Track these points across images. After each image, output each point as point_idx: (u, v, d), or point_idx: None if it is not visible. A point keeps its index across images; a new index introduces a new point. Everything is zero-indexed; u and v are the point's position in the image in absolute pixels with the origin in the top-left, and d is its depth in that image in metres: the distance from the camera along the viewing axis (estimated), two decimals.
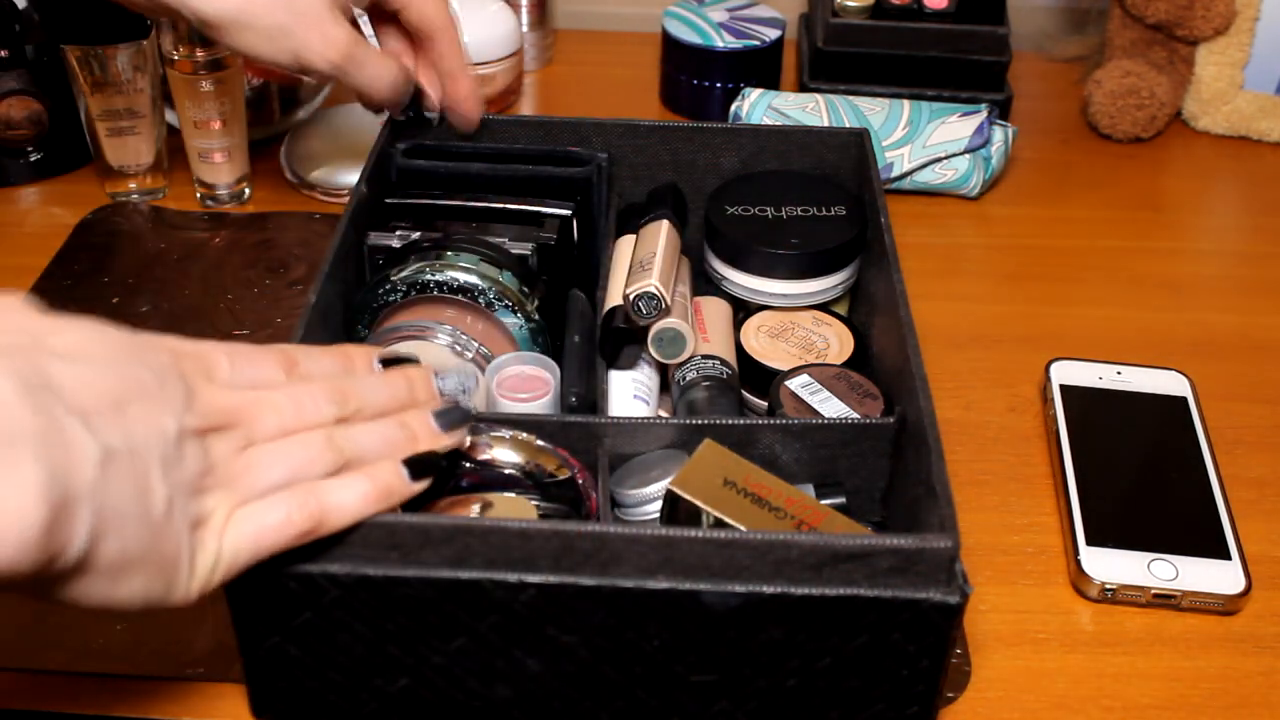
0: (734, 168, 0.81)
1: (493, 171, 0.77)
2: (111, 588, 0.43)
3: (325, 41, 0.69)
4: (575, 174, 0.77)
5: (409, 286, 0.68)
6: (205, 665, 0.62)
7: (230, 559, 0.47)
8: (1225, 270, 0.95)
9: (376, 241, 0.72)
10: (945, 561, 0.51)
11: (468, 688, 0.57)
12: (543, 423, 0.62)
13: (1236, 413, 0.80)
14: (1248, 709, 0.63)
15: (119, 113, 0.92)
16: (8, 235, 0.94)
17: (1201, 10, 1.06)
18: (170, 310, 0.87)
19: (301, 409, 0.50)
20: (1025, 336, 0.87)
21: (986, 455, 0.77)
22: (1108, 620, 0.67)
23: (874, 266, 0.73)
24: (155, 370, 0.45)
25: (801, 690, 0.56)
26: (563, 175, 0.77)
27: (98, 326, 0.44)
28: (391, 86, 0.73)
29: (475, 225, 0.73)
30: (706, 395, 0.69)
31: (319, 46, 0.68)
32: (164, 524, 0.44)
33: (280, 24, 0.68)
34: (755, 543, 0.51)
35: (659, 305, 0.67)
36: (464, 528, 0.52)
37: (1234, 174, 1.07)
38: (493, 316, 0.68)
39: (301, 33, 0.68)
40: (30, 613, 0.65)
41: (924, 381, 0.59)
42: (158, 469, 0.43)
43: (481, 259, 0.69)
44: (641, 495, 0.63)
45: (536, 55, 1.19)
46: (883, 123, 0.98)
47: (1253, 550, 0.69)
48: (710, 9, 1.11)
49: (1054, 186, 1.04)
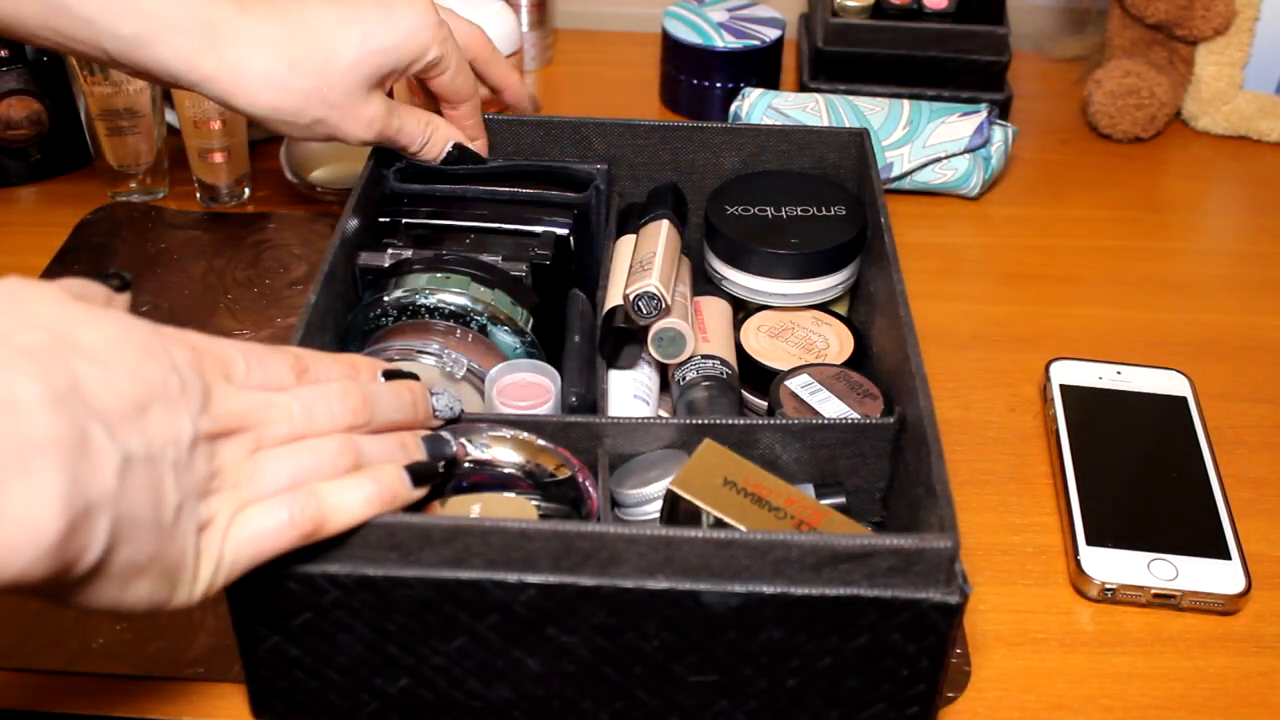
0: (734, 168, 0.81)
1: (490, 195, 0.76)
2: (120, 592, 0.43)
3: (360, 124, 0.70)
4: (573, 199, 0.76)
5: (399, 310, 0.68)
6: (205, 665, 0.62)
7: (232, 562, 0.47)
8: (1225, 270, 0.95)
9: (367, 262, 0.71)
10: (945, 561, 0.51)
11: (468, 688, 0.57)
12: (543, 423, 0.62)
13: (1236, 413, 0.80)
14: (1248, 709, 0.63)
15: (119, 113, 0.92)
16: (8, 235, 0.94)
17: (1201, 10, 1.06)
18: (170, 310, 0.87)
19: (313, 416, 0.50)
20: (1025, 336, 0.87)
21: (986, 455, 0.77)
22: (1107, 620, 0.67)
23: (874, 266, 0.73)
24: (177, 370, 0.45)
25: (801, 690, 0.56)
26: (560, 200, 0.76)
27: (123, 321, 0.44)
28: (433, 150, 0.75)
29: (470, 239, 0.73)
30: (706, 395, 0.69)
31: (354, 129, 0.70)
32: (173, 529, 0.44)
33: (316, 117, 0.69)
34: (755, 543, 0.51)
35: (659, 305, 0.67)
36: (464, 528, 0.52)
37: (1234, 174, 1.07)
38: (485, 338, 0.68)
39: (335, 120, 0.69)
40: (30, 613, 0.65)
41: (924, 381, 0.59)
42: (171, 475, 0.43)
43: (473, 280, 0.68)
44: (641, 495, 0.63)
45: (536, 55, 1.19)
46: (883, 123, 0.98)
47: (1253, 550, 0.69)
48: (710, 9, 1.11)
49: (1054, 186, 1.04)
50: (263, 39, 0.67)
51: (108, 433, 0.41)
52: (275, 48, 0.67)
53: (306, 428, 0.50)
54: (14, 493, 0.37)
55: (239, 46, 0.66)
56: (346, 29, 0.68)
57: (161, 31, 0.65)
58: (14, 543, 0.37)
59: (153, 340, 0.44)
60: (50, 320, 0.42)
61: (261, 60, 0.67)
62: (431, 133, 0.74)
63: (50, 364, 0.40)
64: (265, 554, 0.48)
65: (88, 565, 0.40)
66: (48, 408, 0.39)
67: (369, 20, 0.69)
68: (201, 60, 0.66)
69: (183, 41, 0.65)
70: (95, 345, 0.42)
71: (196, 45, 0.66)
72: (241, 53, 0.66)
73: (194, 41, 0.66)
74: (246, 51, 0.66)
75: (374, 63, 0.69)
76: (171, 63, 0.66)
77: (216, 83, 0.67)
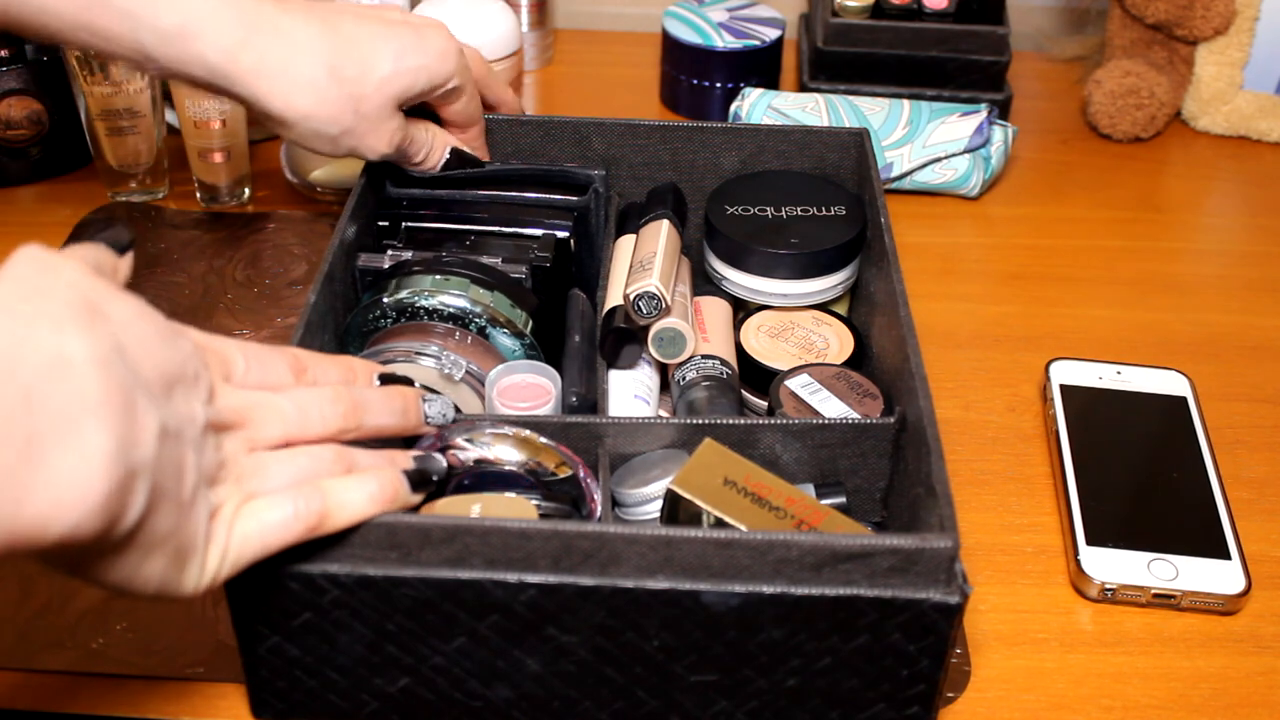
0: (734, 168, 0.81)
1: (490, 198, 0.76)
2: (137, 566, 0.43)
3: (380, 138, 0.70)
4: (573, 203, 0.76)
5: (399, 312, 0.68)
6: (205, 665, 0.62)
7: (237, 553, 0.47)
8: (1225, 270, 0.95)
9: (367, 264, 0.71)
10: (945, 561, 0.51)
11: (468, 688, 0.57)
12: (543, 423, 0.62)
13: (1236, 413, 0.80)
14: (1247, 709, 0.63)
15: (119, 113, 0.92)
16: (8, 235, 0.94)
17: (1201, 10, 1.06)
18: (170, 310, 0.86)
19: (306, 417, 0.51)
20: (1025, 336, 0.87)
21: (986, 455, 0.77)
22: (1107, 620, 0.67)
23: (874, 266, 0.73)
24: (190, 358, 0.45)
25: (801, 690, 0.56)
26: (559, 203, 0.76)
27: (142, 303, 0.44)
28: (434, 159, 0.75)
29: (470, 241, 0.73)
30: (706, 395, 0.69)
31: (373, 142, 0.70)
32: (190, 508, 0.44)
33: (346, 127, 0.68)
34: (755, 542, 0.51)
35: (659, 305, 0.67)
36: (464, 528, 0.52)
37: (1234, 174, 1.07)
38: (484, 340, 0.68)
39: (361, 132, 0.69)
40: (30, 613, 0.65)
41: (924, 381, 0.59)
42: (191, 453, 0.44)
43: (472, 282, 0.68)
44: (642, 495, 0.63)
45: (536, 55, 1.19)
46: (883, 123, 0.98)
47: (1252, 550, 0.69)
48: (710, 9, 1.11)
49: (1054, 186, 1.04)
50: (304, 41, 0.66)
51: (149, 398, 0.41)
52: (317, 52, 0.66)
53: (299, 428, 0.50)
54: (65, 452, 0.38)
55: (281, 46, 0.65)
56: (383, 44, 0.68)
57: (204, 24, 0.64)
58: (63, 502, 0.38)
59: (167, 327, 0.45)
60: (84, 289, 0.42)
61: (305, 63, 0.66)
62: (433, 140, 0.75)
63: (96, 325, 0.40)
64: (270, 547, 0.48)
65: (124, 529, 0.41)
66: (97, 368, 0.39)
67: (403, 38, 0.69)
68: (243, 55, 0.65)
69: (224, 35, 0.64)
70: (123, 319, 0.43)
71: (239, 39, 0.64)
72: (284, 53, 0.65)
73: (236, 35, 0.64)
74: (289, 52, 0.65)
75: (406, 81, 0.69)
76: (211, 57, 0.64)
77: (256, 81, 0.65)
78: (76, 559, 0.42)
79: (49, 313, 0.39)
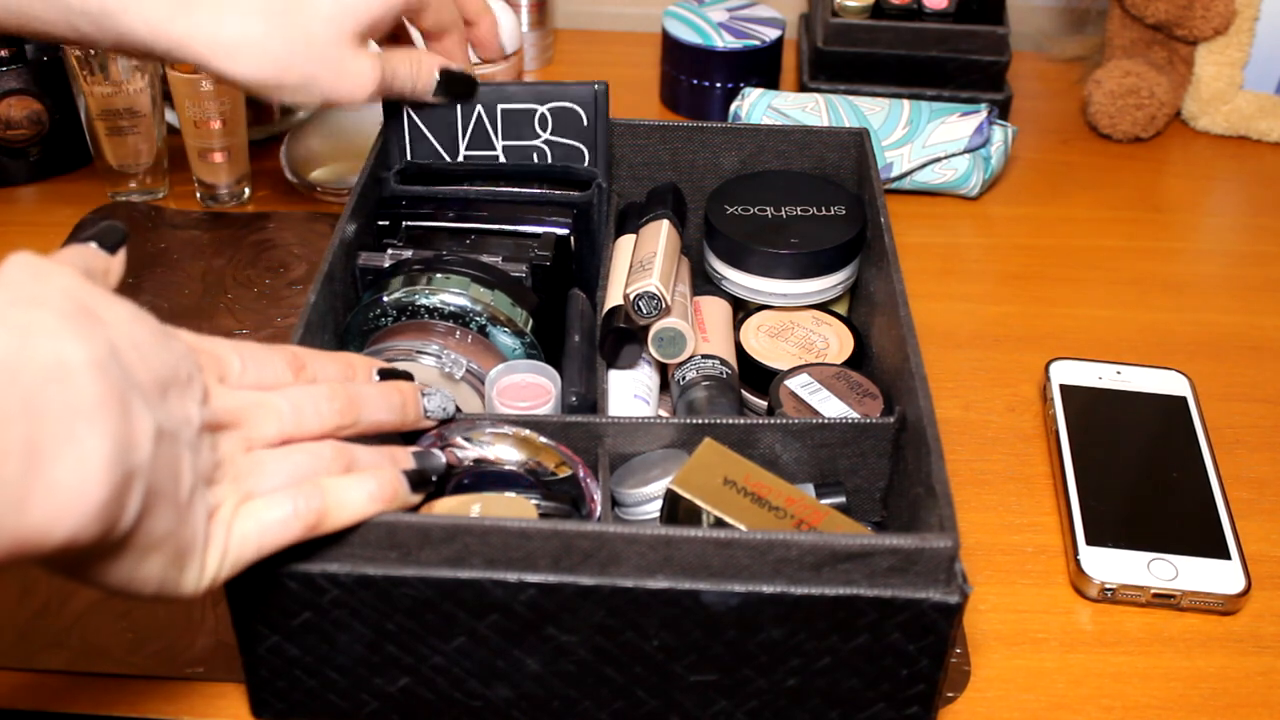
0: (734, 168, 0.81)
1: (490, 195, 0.76)
2: (135, 568, 0.43)
3: (355, 82, 0.68)
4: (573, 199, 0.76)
5: (399, 310, 0.68)
6: (205, 665, 0.62)
7: (237, 553, 0.47)
8: (1225, 270, 0.95)
9: (367, 263, 0.71)
10: (945, 561, 0.51)
11: (467, 687, 0.57)
12: (543, 423, 0.62)
13: (1236, 413, 0.80)
14: (1247, 709, 0.63)
15: (119, 113, 0.92)
16: (8, 235, 0.94)
17: (1201, 10, 1.06)
18: (170, 310, 0.87)
19: (302, 415, 0.51)
20: (1025, 336, 0.87)
21: (986, 455, 0.77)
22: (1107, 620, 0.67)
23: (874, 266, 0.73)
24: (183, 360, 0.45)
25: (801, 690, 0.56)
26: (560, 199, 0.76)
27: (134, 307, 0.44)
28: (424, 84, 0.72)
29: (470, 240, 0.73)
30: (706, 395, 0.69)
31: (349, 88, 0.68)
32: (188, 509, 0.44)
33: (306, 75, 0.66)
34: (755, 542, 0.51)
35: (659, 305, 0.67)
36: (464, 527, 0.52)
37: (1234, 174, 1.07)
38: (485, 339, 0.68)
39: (329, 80, 0.67)
40: (30, 613, 0.65)
41: (924, 381, 0.59)
42: (187, 454, 0.44)
43: (473, 280, 0.68)
44: (641, 495, 0.63)
45: (536, 55, 1.19)
46: (882, 123, 0.98)
47: (1252, 550, 0.69)
48: (710, 9, 1.11)
49: (1054, 186, 1.04)
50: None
51: (144, 401, 0.41)
52: (248, 7, 0.65)
53: (296, 426, 0.50)
54: (63, 458, 0.38)
55: (209, 8, 0.64)
56: None
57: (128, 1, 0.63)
58: (64, 508, 0.38)
59: (160, 330, 0.45)
60: (77, 293, 0.42)
61: (235, 21, 0.64)
62: (419, 68, 0.72)
63: (91, 330, 0.40)
64: (269, 547, 0.48)
65: (121, 532, 0.41)
66: (93, 372, 0.39)
67: None
68: (172, 26, 0.64)
69: (150, 9, 0.63)
70: (117, 323, 0.43)
71: (165, 11, 0.64)
72: (212, 14, 0.64)
73: (162, 8, 0.64)
74: (218, 13, 0.64)
75: (357, 11, 0.67)
76: (142, 32, 0.64)
77: (191, 47, 0.64)
78: (75, 562, 0.42)
79: (45, 319, 0.39)
